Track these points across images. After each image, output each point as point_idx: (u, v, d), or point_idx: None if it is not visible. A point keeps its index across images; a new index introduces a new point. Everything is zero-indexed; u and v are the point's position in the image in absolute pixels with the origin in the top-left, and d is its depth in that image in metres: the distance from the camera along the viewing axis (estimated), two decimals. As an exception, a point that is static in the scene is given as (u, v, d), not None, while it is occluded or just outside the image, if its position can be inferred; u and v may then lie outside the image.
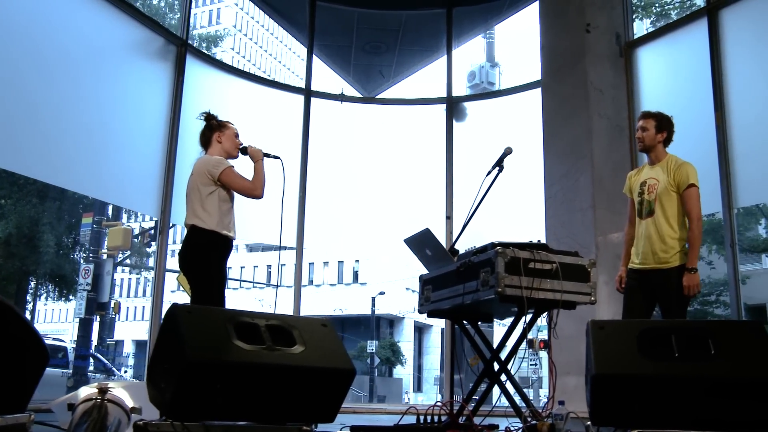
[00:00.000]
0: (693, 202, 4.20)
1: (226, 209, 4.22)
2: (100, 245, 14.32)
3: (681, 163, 4.33)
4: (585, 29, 6.76)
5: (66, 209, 17.13)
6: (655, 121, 4.40)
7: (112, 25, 6.57)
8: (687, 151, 6.43)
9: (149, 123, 6.88)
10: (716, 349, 2.47)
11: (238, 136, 4.44)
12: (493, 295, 3.42)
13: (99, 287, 13.70)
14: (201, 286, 4.16)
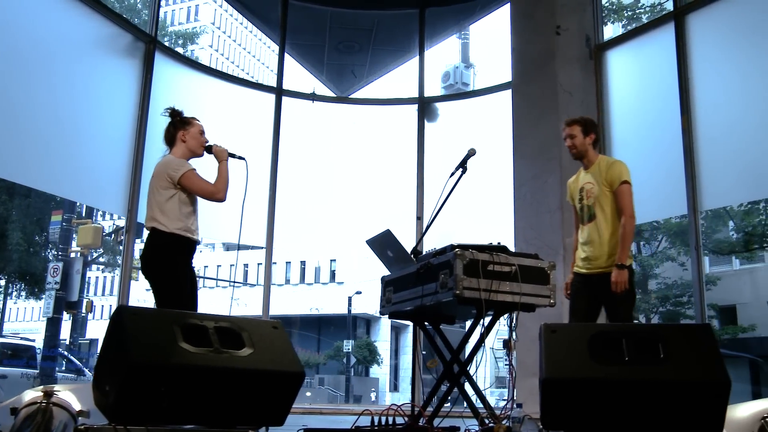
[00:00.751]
0: (625, 199, 4.23)
1: (187, 212, 4.16)
2: (69, 243, 14.14)
3: (612, 162, 4.38)
4: (555, 31, 6.78)
5: (37, 207, 16.90)
6: (581, 126, 4.42)
7: (79, 22, 6.49)
8: (654, 154, 6.56)
9: (117, 121, 6.80)
10: (665, 352, 2.48)
11: (204, 133, 4.37)
12: (452, 297, 3.40)
13: (68, 286, 13.52)
14: (165, 289, 4.11)
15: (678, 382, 2.39)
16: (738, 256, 20.74)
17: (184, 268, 4.16)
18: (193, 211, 4.22)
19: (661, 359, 2.45)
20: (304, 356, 38.71)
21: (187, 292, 4.13)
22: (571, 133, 4.43)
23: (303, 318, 40.22)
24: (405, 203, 8.25)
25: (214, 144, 4.37)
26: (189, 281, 4.22)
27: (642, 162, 6.65)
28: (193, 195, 4.21)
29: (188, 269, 4.23)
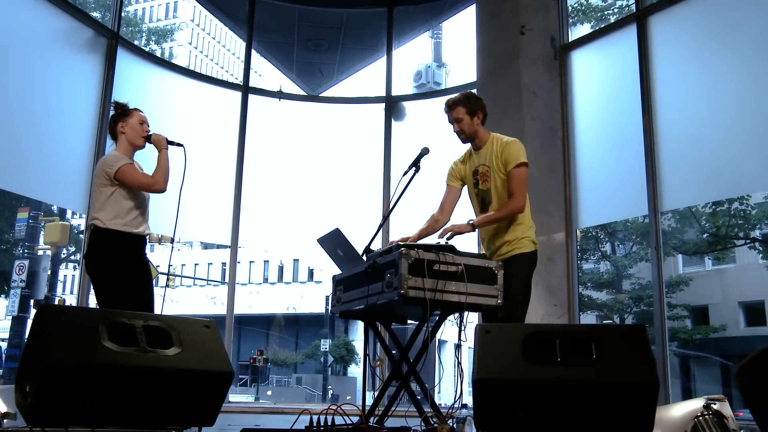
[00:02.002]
0: (517, 182, 3.89)
1: (129, 207, 4.11)
2: (36, 241, 13.97)
3: (507, 141, 4.03)
4: (519, 31, 6.79)
5: (6, 204, 16.70)
6: (465, 107, 4.06)
7: (36, 16, 6.40)
8: (617, 154, 6.58)
9: (78, 117, 6.71)
10: (598, 353, 2.47)
11: (144, 123, 4.29)
12: (396, 297, 3.38)
13: (34, 284, 13.36)
14: (105, 286, 4.05)
15: (607, 383, 2.39)
16: (710, 257, 20.95)
17: (128, 265, 4.09)
18: (137, 205, 4.15)
19: (593, 360, 2.45)
20: (281, 355, 38.66)
21: (130, 289, 4.06)
22: (456, 116, 4.06)
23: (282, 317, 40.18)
24: (372, 202, 8.23)
25: (153, 133, 4.31)
26: (139, 277, 4.16)
27: (605, 162, 6.69)
28: (134, 189, 4.15)
29: (136, 265, 4.17)
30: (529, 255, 3.92)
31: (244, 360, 37.27)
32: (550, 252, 6.49)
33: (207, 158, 7.90)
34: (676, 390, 18.24)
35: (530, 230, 3.97)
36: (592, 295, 20.89)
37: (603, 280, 21.10)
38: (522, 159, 3.95)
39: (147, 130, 4.29)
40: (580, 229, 18.88)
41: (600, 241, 21.43)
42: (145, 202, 4.25)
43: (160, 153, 4.25)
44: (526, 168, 3.97)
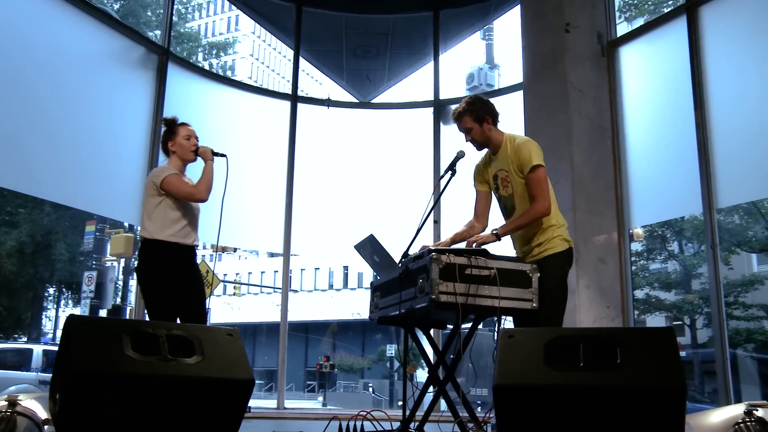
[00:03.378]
0: (537, 186, 3.73)
1: (176, 217, 4.23)
2: (103, 253, 14.49)
3: (519, 142, 3.88)
4: (564, 29, 6.66)
5: (79, 217, 17.40)
6: (470, 115, 3.94)
7: (92, 37, 6.63)
8: (668, 151, 6.39)
9: (132, 132, 6.93)
10: (623, 357, 2.40)
11: (191, 137, 4.42)
12: (428, 302, 3.36)
13: (102, 294, 13.86)
14: (151, 297, 4.18)
15: (631, 387, 2.31)
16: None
17: (175, 275, 4.20)
18: (184, 215, 4.27)
19: (617, 364, 2.37)
20: (348, 361, 38.89)
21: (176, 299, 4.17)
22: (465, 126, 3.96)
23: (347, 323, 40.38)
24: (423, 206, 8.19)
25: (200, 146, 4.42)
26: (187, 287, 4.26)
27: (656, 159, 6.51)
28: (182, 201, 4.27)
29: (184, 275, 4.27)
30: (563, 254, 3.81)
31: (311, 366, 37.67)
32: (602, 252, 6.34)
33: (259, 168, 8.04)
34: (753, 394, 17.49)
35: (561, 229, 3.87)
36: (659, 295, 20.28)
37: (671, 280, 20.46)
38: (535, 161, 3.79)
39: (195, 144, 4.40)
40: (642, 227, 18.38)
41: (667, 240, 20.81)
42: (193, 214, 4.36)
43: (206, 164, 4.36)
44: (542, 168, 3.82)
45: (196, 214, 4.41)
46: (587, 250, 6.24)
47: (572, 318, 6.04)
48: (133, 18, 20.15)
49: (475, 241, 3.70)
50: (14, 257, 17.41)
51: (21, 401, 2.67)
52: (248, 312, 36.75)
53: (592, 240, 6.30)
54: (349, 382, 38.38)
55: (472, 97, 4.14)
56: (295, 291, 41.77)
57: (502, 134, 4.03)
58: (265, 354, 37.30)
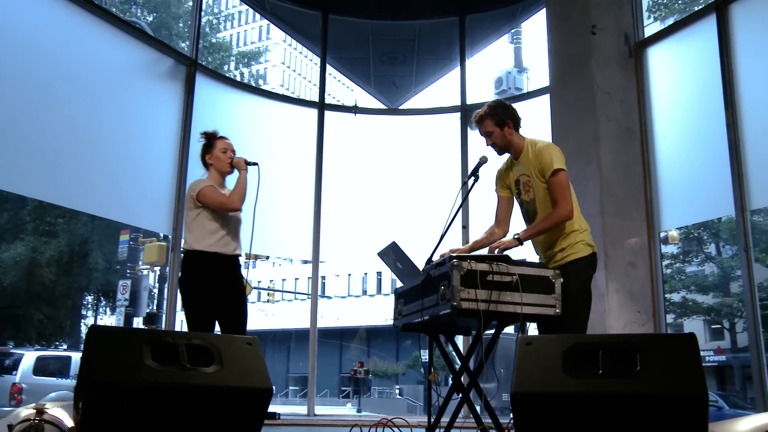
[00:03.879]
0: (559, 190, 3.68)
1: (214, 227, 4.32)
2: (136, 261, 14.73)
3: (540, 146, 3.83)
4: (590, 31, 6.60)
5: (114, 226, 17.72)
6: (492, 119, 3.90)
7: (122, 50, 6.75)
8: (698, 153, 6.28)
9: (161, 142, 7.03)
10: (643, 364, 2.36)
11: (227, 150, 4.49)
12: (450, 309, 3.35)
13: (137, 302, 14.08)
14: (188, 307, 4.28)
15: (650, 395, 2.28)
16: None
17: (214, 283, 4.27)
18: (221, 226, 4.34)
19: (637, 371, 2.34)
20: (382, 367, 38.90)
21: (214, 309, 4.26)
22: (485, 130, 3.92)
23: (381, 328, 40.38)
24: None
25: (235, 158, 4.49)
26: (226, 297, 4.32)
27: (687, 161, 6.41)
28: (219, 212, 4.34)
29: (224, 285, 4.32)
30: (586, 259, 3.75)
31: (345, 372, 37.74)
32: (632, 256, 6.26)
33: (288, 176, 8.10)
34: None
35: (584, 234, 3.82)
36: (696, 299, 19.93)
37: (708, 283, 20.10)
38: (556, 165, 3.74)
39: (230, 156, 4.48)
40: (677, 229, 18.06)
41: (703, 242, 20.45)
42: (232, 224, 4.42)
43: (240, 174, 4.43)
44: (564, 172, 3.77)
45: (236, 224, 4.47)
46: (616, 254, 6.16)
47: (602, 323, 5.97)
48: (165, 30, 20.47)
49: (497, 246, 3.68)
50: (53, 266, 17.80)
51: (48, 410, 2.73)
52: (282, 318, 36.98)
53: (621, 244, 6.22)
54: (384, 387, 38.38)
55: (494, 101, 4.13)
56: (329, 297, 41.93)
57: (524, 139, 3.99)
58: (299, 360, 37.50)
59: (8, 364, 13.29)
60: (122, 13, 21.35)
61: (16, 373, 12.89)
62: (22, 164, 5.81)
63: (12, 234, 18.73)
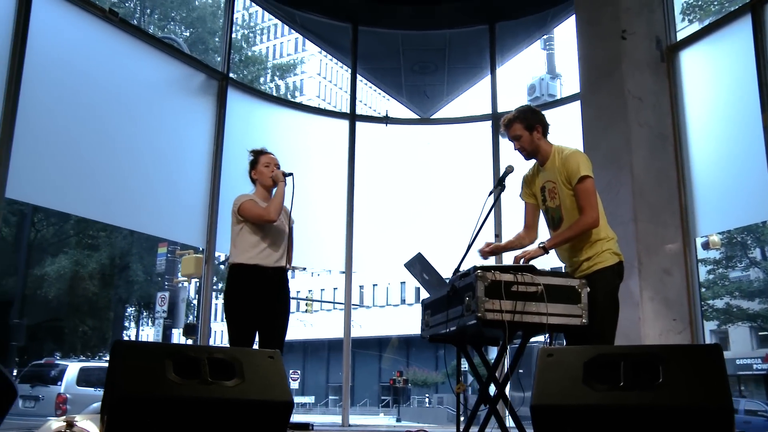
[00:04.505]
0: (585, 197, 3.67)
1: (255, 240, 4.43)
2: (174, 273, 14.96)
3: (567, 153, 3.81)
4: (620, 36, 6.53)
5: (153, 239, 18.05)
6: (521, 123, 3.89)
7: (155, 66, 6.87)
8: (734, 156, 6.16)
9: (194, 156, 7.13)
10: (665, 376, 2.32)
11: (269, 165, 4.60)
12: (474, 320, 3.34)
13: (175, 314, 14.28)
14: (230, 317, 4.38)
15: (673, 407, 2.24)
16: None
17: (255, 295, 4.36)
18: (263, 239, 4.43)
19: (659, 383, 2.30)
20: (421, 376, 38.78)
21: (257, 318, 4.35)
22: (514, 134, 3.91)
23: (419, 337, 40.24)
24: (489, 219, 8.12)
25: (276, 171, 4.58)
26: (270, 306, 4.39)
27: (722, 165, 6.28)
28: (260, 224, 4.42)
29: (265, 295, 4.39)
30: (613, 268, 3.72)
31: (385, 381, 37.71)
32: (667, 263, 6.15)
33: (322, 187, 8.15)
34: None
35: (610, 242, 3.79)
36: (741, 305, 19.46)
37: (753, 289, 19.62)
38: (583, 172, 3.73)
39: (273, 170, 4.56)
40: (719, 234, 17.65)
41: (747, 247, 19.98)
42: (274, 236, 4.48)
43: (278, 186, 4.50)
44: (590, 180, 3.75)
45: (279, 237, 4.54)
46: (650, 262, 6.06)
47: (636, 331, 5.88)
48: (201, 45, 20.82)
49: (522, 257, 3.66)
50: (95, 279, 18.18)
51: (78, 422, 2.79)
52: (321, 328, 37.11)
53: (655, 251, 6.12)
54: (423, 396, 38.25)
55: (523, 105, 4.16)
56: (368, 307, 42.00)
57: (551, 145, 3.99)
58: (339, 369, 37.56)
59: (54, 375, 13.59)
60: (160, 30, 21.78)
61: (61, 384, 13.18)
62: (63, 181, 5.96)
63: (57, 247, 19.17)
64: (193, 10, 21.97)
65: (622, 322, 5.67)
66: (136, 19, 21.38)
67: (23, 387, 13.50)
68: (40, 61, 5.66)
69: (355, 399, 41.04)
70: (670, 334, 6.04)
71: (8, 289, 17.09)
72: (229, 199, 5.06)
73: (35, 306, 18.08)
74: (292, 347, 43.05)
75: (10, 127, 5.29)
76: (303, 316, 37.94)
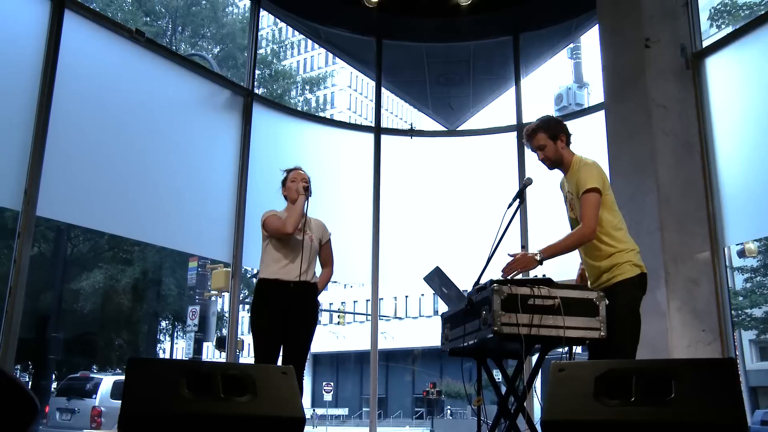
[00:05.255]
0: (585, 208, 3.63)
1: (278, 256, 4.51)
2: (205, 287, 15.11)
3: (581, 165, 3.79)
4: (644, 44, 6.47)
5: (184, 254, 18.28)
6: (545, 132, 3.88)
7: (182, 85, 6.98)
8: (764, 163, 6.05)
9: (220, 171, 7.22)
10: (678, 391, 2.29)
11: (296, 180, 4.70)
12: (491, 334, 3.33)
13: (206, 327, 14.42)
14: (253, 331, 4.47)
15: (684, 423, 2.21)
16: None
17: (275, 311, 4.43)
18: (285, 254, 4.49)
19: (671, 399, 2.27)
20: (455, 387, 38.53)
21: (280, 332, 4.41)
22: (538, 144, 3.91)
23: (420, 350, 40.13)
24: (510, 232, 8.08)
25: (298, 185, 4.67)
26: (292, 320, 4.45)
27: (751, 172, 6.18)
28: (283, 238, 4.49)
29: (287, 309, 4.44)
30: (633, 280, 3.68)
31: (418, 393, 37.57)
32: (695, 273, 6.06)
33: (348, 200, 8.20)
34: None
35: (630, 254, 3.75)
36: (780, 315, 19.04)
37: (791, 298, 19.20)
38: (590, 185, 3.69)
39: (297, 186, 4.63)
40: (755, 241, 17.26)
41: (785, 255, 19.56)
42: (296, 251, 4.51)
43: (298, 199, 4.57)
44: (594, 193, 3.70)
45: (304, 251, 4.55)
46: (677, 272, 5.98)
47: (664, 342, 5.80)
48: (231, 60, 21.10)
49: (515, 266, 3.61)
50: (129, 293, 18.46)
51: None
52: (354, 340, 37.13)
53: (682, 260, 6.04)
54: (457, 408, 38.00)
55: (545, 115, 4.15)
56: (400, 318, 41.93)
57: (573, 155, 3.98)
58: (373, 381, 37.53)
59: (89, 388, 13.81)
60: (192, 47, 22.12)
61: (96, 397, 13.40)
62: (93, 198, 6.07)
63: (92, 262, 19.51)
64: (223, 26, 22.30)
65: (648, 333, 5.62)
66: (168, 37, 21.75)
67: (60, 400, 13.75)
68: (70, 82, 5.80)
69: (388, 411, 40.92)
70: (700, 345, 5.94)
71: (46, 304, 17.43)
72: (255, 214, 5.14)
73: (72, 320, 18.41)
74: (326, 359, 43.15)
75: (41, 146, 5.43)
76: (336, 328, 38.05)
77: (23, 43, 5.65)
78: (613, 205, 3.88)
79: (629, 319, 3.61)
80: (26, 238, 5.31)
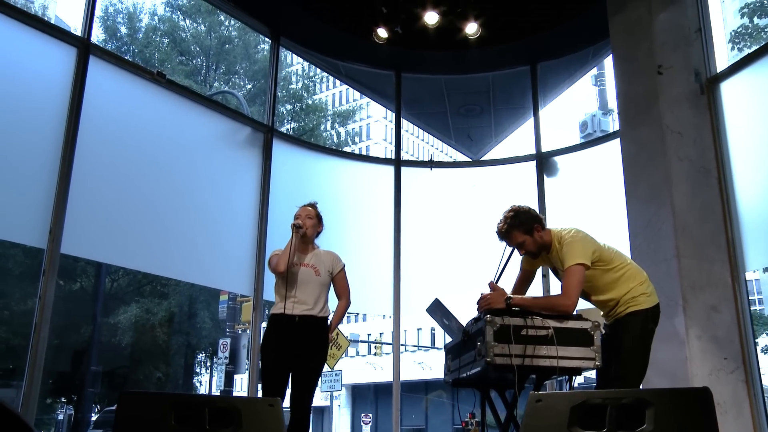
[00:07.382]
0: (568, 281, 3.62)
1: (283, 292, 4.66)
2: (236, 320, 15.29)
3: (565, 242, 3.78)
4: (657, 71, 6.48)
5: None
6: (519, 230, 3.91)
7: (203, 122, 7.19)
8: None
9: (242, 206, 7.37)
10: (651, 421, 2.30)
11: (297, 217, 4.83)
12: (485, 365, 3.35)
13: (236, 360, 14.57)
14: (261, 365, 4.58)
15: (655, 454, 2.21)
16: None
17: (279, 345, 4.55)
18: (288, 290, 4.64)
19: (644, 429, 2.28)
20: (495, 418, 37.91)
21: (287, 365, 4.51)
22: (517, 242, 3.93)
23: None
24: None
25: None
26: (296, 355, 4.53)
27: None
28: (284, 275, 4.61)
29: (290, 345, 4.54)
30: (645, 312, 3.74)
31: (457, 424, 37.10)
32: (714, 300, 5.97)
33: (369, 233, 8.28)
34: None
35: (642, 286, 3.80)
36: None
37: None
38: (575, 261, 3.69)
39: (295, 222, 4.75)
40: None
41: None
42: (301, 286, 4.63)
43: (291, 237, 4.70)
44: (576, 267, 3.68)
45: (308, 286, 4.66)
46: (696, 299, 5.90)
47: (684, 371, 5.71)
48: (263, 96, 21.49)
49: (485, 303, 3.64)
50: (165, 326, 18.75)
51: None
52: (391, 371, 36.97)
53: (701, 287, 5.96)
54: (498, 439, 37.37)
55: (509, 210, 4.09)
56: (438, 348, 41.54)
57: (551, 233, 3.97)
58: (411, 412, 37.25)
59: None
60: (225, 83, 22.60)
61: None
62: (117, 235, 6.25)
63: (130, 296, 19.90)
64: (255, 62, 22.79)
65: (667, 361, 5.58)
66: (203, 74, 22.29)
67: (96, 433, 13.95)
68: (95, 122, 6.03)
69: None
70: (721, 373, 5.83)
71: (86, 338, 17.79)
72: (276, 247, 5.25)
73: (110, 353, 18.75)
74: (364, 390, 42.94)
75: (66, 185, 5.63)
76: (373, 359, 37.90)
77: (50, 87, 5.90)
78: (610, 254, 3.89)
79: (638, 351, 3.64)
80: (50, 275, 5.49)
